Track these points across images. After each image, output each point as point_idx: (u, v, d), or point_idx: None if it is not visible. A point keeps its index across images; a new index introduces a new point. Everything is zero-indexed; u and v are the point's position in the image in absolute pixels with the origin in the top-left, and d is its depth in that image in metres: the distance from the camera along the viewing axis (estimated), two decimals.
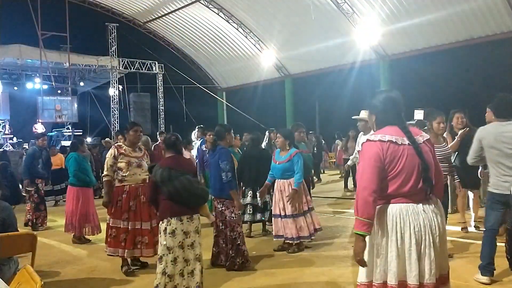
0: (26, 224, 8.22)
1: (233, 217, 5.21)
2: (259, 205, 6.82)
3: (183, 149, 6.79)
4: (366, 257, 2.62)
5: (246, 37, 20.55)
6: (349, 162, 7.24)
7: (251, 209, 6.82)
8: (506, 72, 15.48)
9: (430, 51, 16.47)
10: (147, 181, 5.10)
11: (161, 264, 4.16)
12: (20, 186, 8.67)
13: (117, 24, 23.15)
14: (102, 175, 5.25)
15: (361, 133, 5.94)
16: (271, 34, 19.53)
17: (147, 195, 4.74)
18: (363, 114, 6.02)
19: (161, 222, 4.28)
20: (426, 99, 16.45)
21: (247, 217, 6.83)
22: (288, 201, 5.66)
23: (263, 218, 6.91)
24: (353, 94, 19.43)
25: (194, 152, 8.59)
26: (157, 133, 14.11)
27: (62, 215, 9.64)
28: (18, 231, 4.20)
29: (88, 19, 22.93)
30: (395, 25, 15.82)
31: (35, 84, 23.61)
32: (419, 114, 13.83)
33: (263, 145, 8.92)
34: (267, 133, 10.12)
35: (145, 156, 5.44)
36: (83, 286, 4.98)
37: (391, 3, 15.23)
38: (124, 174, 5.18)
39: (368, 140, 2.66)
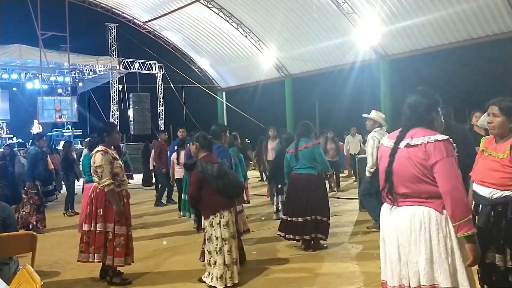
0: (26, 228, 7.84)
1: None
2: None
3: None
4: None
5: (246, 37, 20.56)
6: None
7: None
8: (507, 72, 15.49)
9: (430, 51, 16.48)
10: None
11: (221, 255, 4.44)
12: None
13: (117, 24, 23.16)
14: (105, 183, 4.66)
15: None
16: (271, 34, 19.53)
17: (191, 192, 4.60)
18: (373, 114, 6.53)
19: (212, 217, 4.50)
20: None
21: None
22: None
23: None
24: (353, 94, 19.47)
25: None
26: (159, 131, 13.57)
27: (62, 216, 9.67)
28: (18, 231, 4.20)
29: (88, 19, 22.99)
30: (395, 25, 15.83)
31: (35, 84, 23.60)
32: None
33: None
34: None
35: None
36: (83, 286, 4.97)
37: (391, 3, 15.23)
38: (122, 179, 4.87)
39: None
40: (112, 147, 5.01)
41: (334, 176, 10.05)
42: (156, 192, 11.08)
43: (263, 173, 14.11)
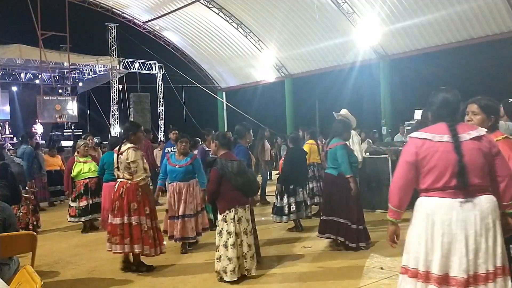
0: (26, 228, 7.67)
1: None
2: (307, 201, 7.25)
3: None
4: (410, 244, 2.80)
5: (246, 37, 20.56)
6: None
7: (302, 206, 6.99)
8: (506, 72, 15.48)
9: (430, 51, 16.48)
10: None
11: (226, 249, 4.56)
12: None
13: (117, 24, 23.16)
14: (141, 178, 5.03)
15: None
16: (271, 34, 19.54)
17: (210, 188, 4.75)
18: (345, 112, 6.61)
19: (227, 211, 4.64)
20: (426, 99, 16.44)
21: (299, 215, 7.07)
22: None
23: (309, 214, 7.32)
24: (353, 94, 19.46)
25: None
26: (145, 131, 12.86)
27: (62, 216, 9.65)
28: (18, 231, 4.20)
29: (88, 19, 22.95)
30: (395, 25, 15.83)
31: (35, 84, 23.61)
32: (419, 114, 13.85)
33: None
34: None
35: None
36: (83, 286, 4.97)
37: (391, 3, 15.24)
38: (148, 175, 5.22)
39: (410, 136, 2.87)
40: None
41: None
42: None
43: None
